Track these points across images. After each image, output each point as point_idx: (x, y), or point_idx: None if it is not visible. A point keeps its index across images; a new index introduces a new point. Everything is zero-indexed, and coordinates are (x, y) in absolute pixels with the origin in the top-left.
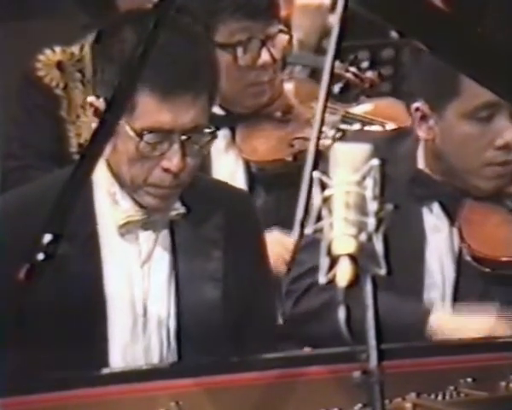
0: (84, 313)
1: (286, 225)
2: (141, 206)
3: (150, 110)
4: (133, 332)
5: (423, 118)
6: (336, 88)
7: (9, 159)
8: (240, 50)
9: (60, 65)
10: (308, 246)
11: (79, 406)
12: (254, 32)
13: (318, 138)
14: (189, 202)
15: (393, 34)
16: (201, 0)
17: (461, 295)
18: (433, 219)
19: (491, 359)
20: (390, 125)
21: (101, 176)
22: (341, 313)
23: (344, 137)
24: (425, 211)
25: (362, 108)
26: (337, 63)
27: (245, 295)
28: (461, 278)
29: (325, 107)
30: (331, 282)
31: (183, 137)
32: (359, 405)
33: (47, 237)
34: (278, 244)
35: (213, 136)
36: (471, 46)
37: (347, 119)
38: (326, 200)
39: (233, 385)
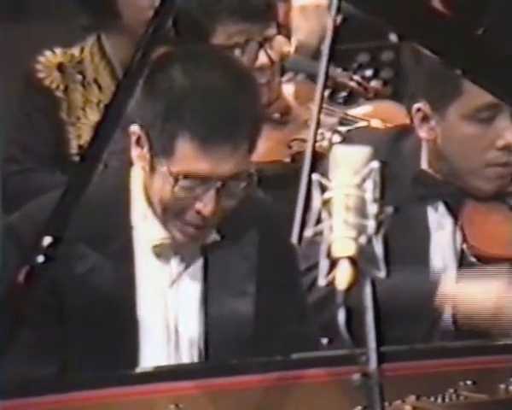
0: (114, 322)
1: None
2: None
3: (188, 157)
4: (166, 350)
5: (424, 118)
6: (340, 98)
7: (10, 162)
8: (237, 52)
9: (60, 67)
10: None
11: (80, 407)
12: (252, 34)
13: (315, 141)
14: (222, 223)
15: (393, 37)
16: (199, 2)
17: None
18: (438, 218)
19: (491, 361)
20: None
21: (137, 196)
22: (341, 316)
23: (345, 139)
24: (430, 210)
25: (360, 111)
26: (341, 71)
27: (276, 309)
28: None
29: (320, 108)
30: (331, 284)
31: (220, 184)
32: (359, 407)
33: (47, 240)
34: None
35: (250, 181)
36: (470, 48)
37: (346, 121)
38: (326, 202)
39: (233, 388)
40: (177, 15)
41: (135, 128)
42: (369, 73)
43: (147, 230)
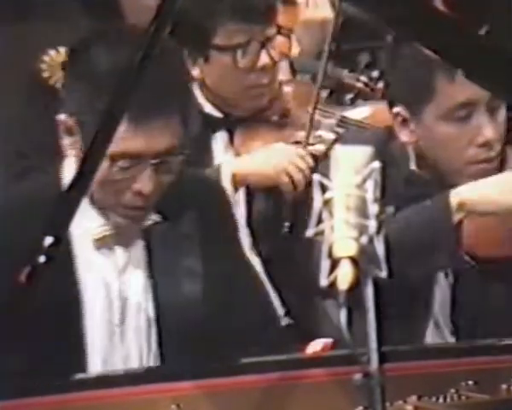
0: (60, 323)
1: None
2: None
3: (123, 136)
4: (110, 343)
5: (404, 122)
6: (347, 99)
7: (20, 159)
8: (239, 53)
9: (65, 65)
10: None
11: (80, 408)
12: (253, 35)
13: (307, 142)
14: (162, 203)
15: (389, 38)
16: (200, 3)
17: (461, 293)
18: None
19: (493, 361)
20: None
21: None
22: (343, 316)
23: (337, 140)
24: None
25: (358, 113)
26: (347, 73)
27: (225, 289)
28: (460, 277)
29: (315, 109)
30: (332, 285)
31: (155, 161)
32: (360, 408)
33: (48, 240)
34: (281, 155)
35: (186, 157)
36: (472, 48)
37: (343, 123)
38: (327, 202)
39: (233, 388)
40: (178, 16)
41: (63, 117)
42: (375, 74)
43: (85, 223)
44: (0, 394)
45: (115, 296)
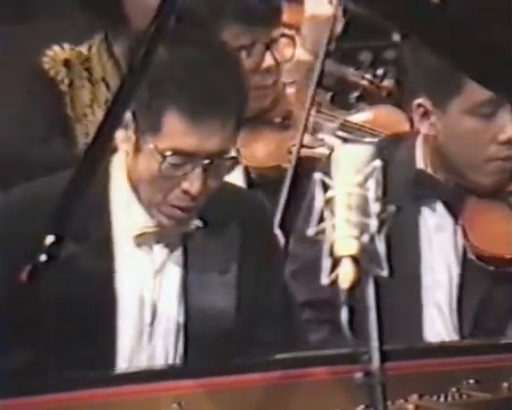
0: (92, 317)
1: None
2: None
3: (177, 132)
4: (138, 341)
5: (425, 114)
6: (352, 97)
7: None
8: (244, 54)
9: (67, 62)
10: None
11: (81, 407)
12: (258, 36)
13: (301, 145)
14: (205, 211)
15: (396, 36)
16: (204, 4)
17: (466, 293)
18: (437, 219)
19: (494, 360)
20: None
21: (119, 184)
22: (344, 315)
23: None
24: (428, 212)
25: (361, 117)
26: (352, 71)
27: (259, 300)
28: (465, 277)
29: (309, 111)
30: (333, 283)
31: (207, 161)
32: (361, 406)
33: (49, 238)
34: None
35: (236, 161)
36: (472, 46)
37: (345, 127)
38: (328, 201)
39: (235, 387)
40: (183, 17)
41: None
42: (380, 72)
43: (129, 218)
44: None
45: (149, 296)
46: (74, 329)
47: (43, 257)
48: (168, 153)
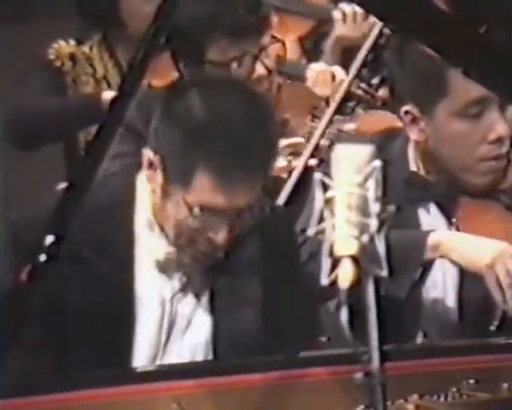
0: (109, 329)
1: None
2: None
3: (206, 189)
4: (153, 357)
5: (414, 121)
6: (349, 107)
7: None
8: (234, 65)
9: (72, 57)
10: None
11: (81, 407)
12: (247, 47)
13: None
14: None
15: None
16: (193, 19)
17: (464, 293)
18: (431, 220)
19: (494, 360)
20: None
21: (143, 204)
22: (344, 315)
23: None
24: (422, 212)
25: (355, 124)
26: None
27: (282, 321)
28: (463, 277)
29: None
30: (333, 283)
31: (233, 215)
32: (361, 406)
33: (49, 239)
34: (319, 74)
35: (263, 211)
36: (472, 46)
37: (341, 136)
38: (328, 201)
39: (235, 387)
40: (174, 31)
41: (148, 153)
42: (375, 80)
43: (151, 242)
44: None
45: (167, 316)
46: (93, 340)
47: (42, 257)
48: (196, 208)
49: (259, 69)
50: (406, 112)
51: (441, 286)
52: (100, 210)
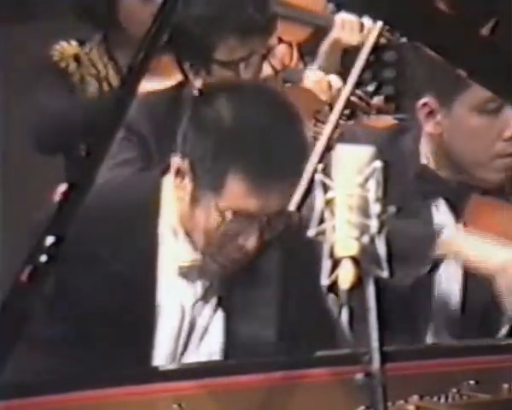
0: (130, 330)
1: None
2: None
3: (238, 194)
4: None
5: (431, 113)
6: (344, 114)
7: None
8: (242, 66)
9: (76, 57)
10: None
11: (81, 407)
12: (255, 48)
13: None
14: None
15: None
16: (200, 18)
17: (468, 292)
18: (439, 217)
19: (495, 361)
20: None
21: (168, 209)
22: (344, 315)
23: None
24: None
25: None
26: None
27: (298, 333)
28: (469, 276)
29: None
30: (334, 284)
31: (264, 220)
32: (362, 407)
33: (49, 239)
34: (316, 83)
35: (293, 216)
36: (473, 47)
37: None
38: (328, 202)
39: (235, 387)
40: (178, 32)
41: (177, 160)
42: (371, 88)
43: (175, 247)
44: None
45: (186, 323)
46: (112, 341)
47: (43, 258)
48: (228, 213)
49: (266, 70)
50: (424, 104)
51: (446, 288)
52: (123, 213)
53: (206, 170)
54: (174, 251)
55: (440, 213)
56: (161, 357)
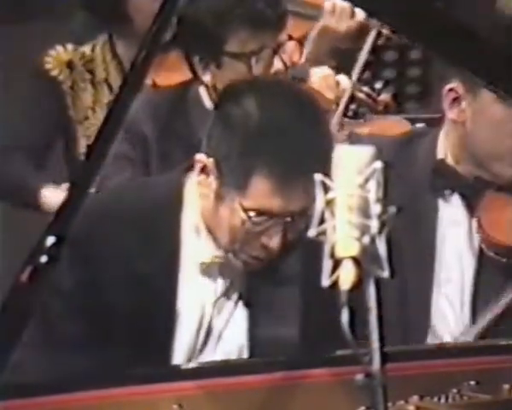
0: (149, 331)
1: None
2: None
3: (263, 193)
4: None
5: (456, 100)
6: (350, 110)
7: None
8: (253, 60)
9: (70, 64)
10: None
11: (82, 407)
12: (266, 41)
13: None
14: None
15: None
16: (211, 11)
17: (480, 289)
18: (453, 213)
19: (495, 362)
20: None
21: (191, 209)
22: (344, 316)
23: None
24: (444, 204)
25: (368, 128)
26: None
27: (319, 336)
28: (481, 273)
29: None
30: (334, 285)
31: (289, 219)
32: (362, 408)
33: (50, 240)
34: (323, 79)
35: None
36: (470, 45)
37: (353, 138)
38: (329, 202)
39: (236, 388)
40: (188, 24)
41: (201, 157)
42: (378, 85)
43: (198, 245)
44: None
45: (206, 321)
46: (134, 339)
47: (43, 258)
48: (252, 213)
49: (277, 64)
50: (450, 89)
51: (457, 282)
52: (145, 213)
53: (232, 168)
54: (196, 248)
55: (453, 207)
56: (181, 355)
